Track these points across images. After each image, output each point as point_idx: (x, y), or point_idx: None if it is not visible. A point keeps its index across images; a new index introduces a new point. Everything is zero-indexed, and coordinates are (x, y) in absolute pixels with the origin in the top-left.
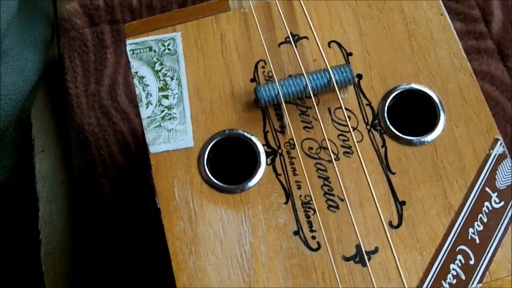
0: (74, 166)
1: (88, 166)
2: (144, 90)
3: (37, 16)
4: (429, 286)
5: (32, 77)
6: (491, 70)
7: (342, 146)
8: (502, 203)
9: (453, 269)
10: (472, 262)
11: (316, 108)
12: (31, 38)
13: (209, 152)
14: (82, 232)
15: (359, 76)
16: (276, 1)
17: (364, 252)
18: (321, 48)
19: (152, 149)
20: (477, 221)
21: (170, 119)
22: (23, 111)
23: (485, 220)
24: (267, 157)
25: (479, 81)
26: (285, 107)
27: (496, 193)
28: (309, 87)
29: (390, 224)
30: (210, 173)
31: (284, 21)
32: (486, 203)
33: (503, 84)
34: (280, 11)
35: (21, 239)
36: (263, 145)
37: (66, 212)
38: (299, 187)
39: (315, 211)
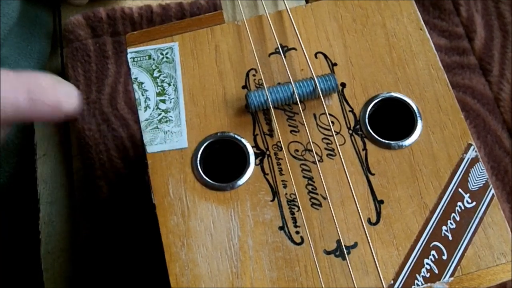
0: (75, 170)
1: (88, 170)
2: (143, 95)
3: (36, 29)
4: (404, 278)
5: None
6: (473, 84)
7: (325, 148)
8: (474, 203)
9: (427, 263)
10: (444, 257)
11: (302, 114)
12: (28, 48)
13: (202, 152)
14: (80, 232)
15: (343, 85)
16: (267, 15)
17: (344, 247)
18: (308, 58)
19: (149, 149)
20: (450, 219)
21: (166, 121)
22: None
23: (457, 218)
24: (255, 158)
25: (462, 94)
26: (273, 112)
27: (468, 194)
28: (296, 94)
29: (369, 221)
30: (203, 172)
31: (275, 34)
32: (459, 203)
33: (484, 97)
34: (271, 24)
35: (22, 239)
36: (252, 147)
37: (66, 214)
38: (285, 186)
39: (299, 208)
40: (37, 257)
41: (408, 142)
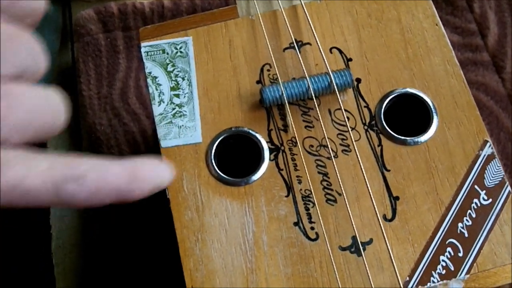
0: None
1: None
2: (157, 89)
3: (44, 24)
4: (420, 275)
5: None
6: (486, 81)
7: (341, 144)
8: (490, 200)
9: (443, 260)
10: (460, 254)
11: (317, 109)
12: None
13: (216, 147)
14: (91, 227)
15: (358, 80)
16: (282, 9)
17: (359, 243)
18: (323, 53)
19: (163, 143)
20: (466, 216)
21: (180, 116)
22: None
23: (473, 215)
24: (270, 153)
25: (475, 91)
26: (288, 108)
27: (484, 191)
28: (311, 89)
29: (384, 218)
30: (217, 167)
31: (289, 28)
32: (475, 200)
33: (497, 94)
34: (286, 19)
35: (33, 233)
36: (266, 142)
37: (77, 209)
38: (299, 182)
39: (314, 204)
40: (48, 252)
41: (423, 138)
